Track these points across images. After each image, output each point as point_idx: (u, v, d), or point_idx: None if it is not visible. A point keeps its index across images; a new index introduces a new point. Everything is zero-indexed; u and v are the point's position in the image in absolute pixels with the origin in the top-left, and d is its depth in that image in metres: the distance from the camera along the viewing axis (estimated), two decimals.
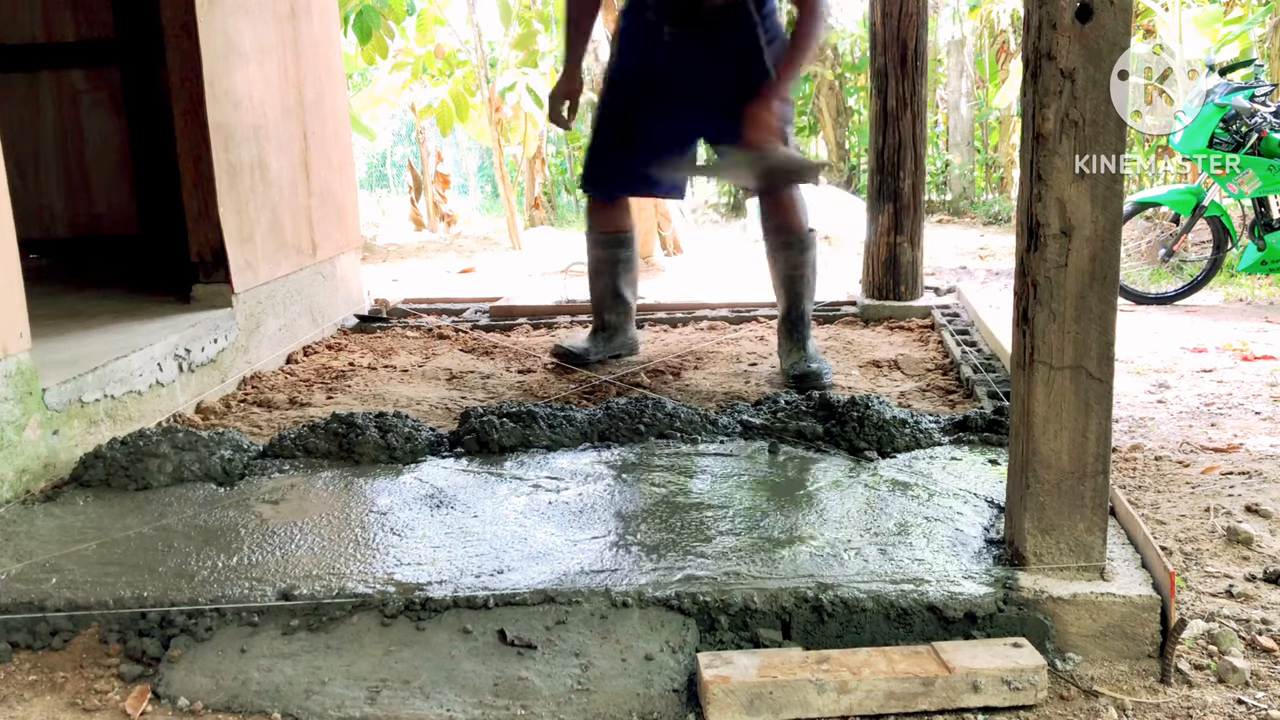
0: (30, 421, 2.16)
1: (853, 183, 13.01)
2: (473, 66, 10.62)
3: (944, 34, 12.18)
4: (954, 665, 1.41)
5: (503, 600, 1.56)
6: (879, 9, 4.17)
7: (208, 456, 2.17)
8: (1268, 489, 2.22)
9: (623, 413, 2.38)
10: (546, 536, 1.78)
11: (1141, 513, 2.11)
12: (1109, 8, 1.43)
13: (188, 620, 1.55)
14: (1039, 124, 1.47)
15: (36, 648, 1.57)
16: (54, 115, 4.81)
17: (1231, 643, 1.56)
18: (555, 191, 15.06)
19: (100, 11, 4.71)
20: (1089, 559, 1.56)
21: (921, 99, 4.19)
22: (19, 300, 2.18)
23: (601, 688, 1.43)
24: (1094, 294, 1.50)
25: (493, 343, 3.87)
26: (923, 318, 4.12)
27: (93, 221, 4.90)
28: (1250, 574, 1.81)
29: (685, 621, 1.53)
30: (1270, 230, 5.00)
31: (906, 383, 3.12)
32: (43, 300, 2.81)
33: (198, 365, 2.95)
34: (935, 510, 1.86)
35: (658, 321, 4.25)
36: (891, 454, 2.19)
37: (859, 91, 13.74)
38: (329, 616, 1.55)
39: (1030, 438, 1.54)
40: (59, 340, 2.72)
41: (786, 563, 1.64)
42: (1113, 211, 1.48)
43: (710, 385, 3.09)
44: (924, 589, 1.54)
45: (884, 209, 4.27)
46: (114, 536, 1.82)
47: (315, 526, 1.85)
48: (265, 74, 3.53)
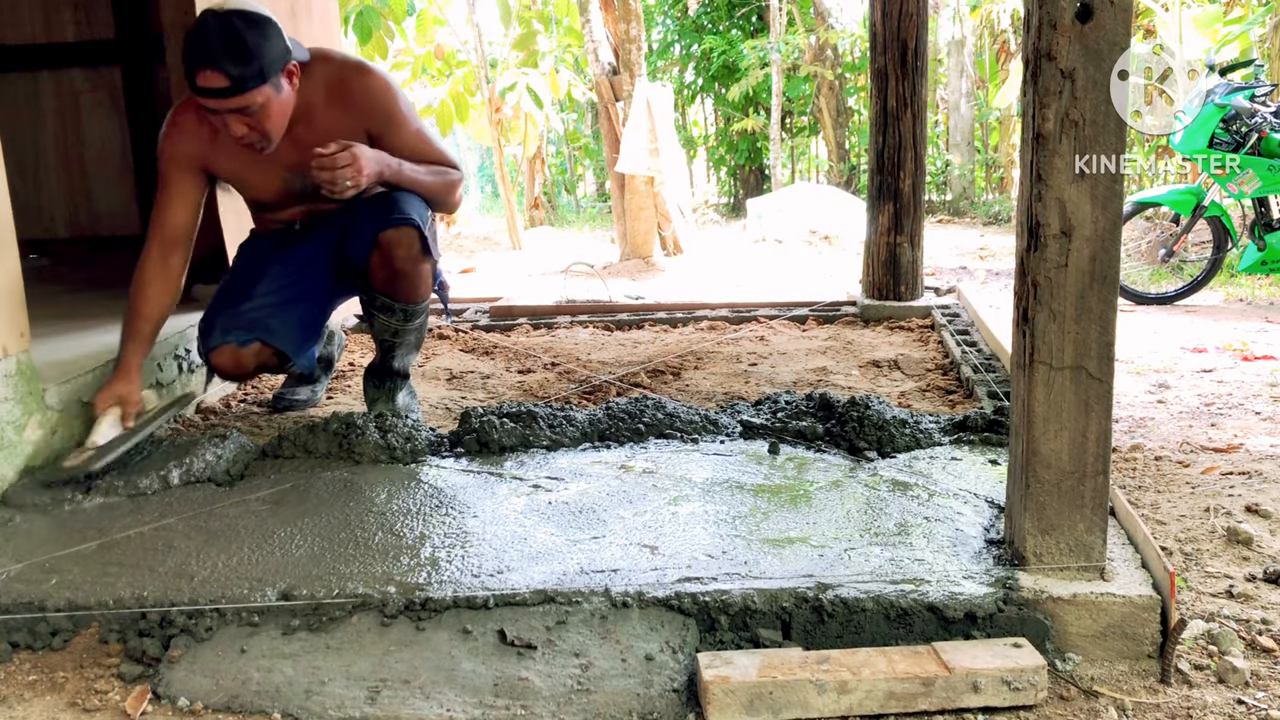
0: (30, 421, 2.16)
1: (853, 183, 13.02)
2: (473, 66, 10.63)
3: (944, 34, 12.18)
4: (954, 665, 1.41)
5: (503, 600, 1.56)
6: (879, 9, 4.17)
7: (208, 456, 2.17)
8: (1268, 489, 2.22)
9: (623, 413, 2.38)
10: (546, 536, 1.78)
11: (1141, 513, 2.11)
12: (1109, 8, 1.43)
13: (188, 620, 1.55)
14: (1039, 124, 1.47)
15: (36, 648, 1.57)
16: (54, 115, 4.81)
17: (1231, 643, 1.56)
18: (555, 191, 15.04)
19: (100, 11, 4.71)
20: (1089, 559, 1.56)
21: (921, 99, 4.19)
22: (19, 300, 2.18)
23: (601, 688, 1.43)
24: (1094, 294, 1.50)
25: (493, 343, 3.87)
26: (923, 318, 4.12)
27: (93, 221, 4.91)
28: (1250, 574, 1.81)
29: (685, 621, 1.53)
30: (1270, 230, 5.00)
31: (906, 383, 3.12)
32: (43, 300, 2.82)
33: (198, 365, 2.95)
34: (935, 510, 1.86)
35: (658, 321, 4.25)
36: (891, 454, 2.19)
37: (859, 91, 13.75)
38: (329, 616, 1.55)
39: (1030, 438, 1.54)
40: (59, 340, 2.73)
41: (786, 563, 1.64)
42: (1113, 211, 1.48)
43: (710, 385, 3.09)
44: (924, 589, 1.54)
45: (884, 209, 4.27)
46: (114, 537, 1.82)
47: (315, 526, 1.85)
48: None
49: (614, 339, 3.96)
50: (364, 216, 2.44)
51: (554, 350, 3.71)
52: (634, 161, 7.82)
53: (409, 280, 2.49)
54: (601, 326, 4.23)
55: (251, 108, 2.22)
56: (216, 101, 2.20)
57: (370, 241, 2.41)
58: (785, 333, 4.00)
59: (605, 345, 3.82)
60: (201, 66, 2.15)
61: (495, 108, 10.42)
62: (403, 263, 2.44)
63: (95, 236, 4.88)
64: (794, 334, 3.99)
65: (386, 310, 2.55)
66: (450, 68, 11.57)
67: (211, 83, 2.16)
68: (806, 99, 14.19)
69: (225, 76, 2.15)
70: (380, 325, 2.59)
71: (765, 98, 13.92)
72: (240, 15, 2.18)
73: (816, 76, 13.46)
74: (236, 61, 2.15)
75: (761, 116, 14.31)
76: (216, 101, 2.20)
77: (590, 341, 3.92)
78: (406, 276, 2.48)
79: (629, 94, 7.95)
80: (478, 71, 10.42)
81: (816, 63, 13.37)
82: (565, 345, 3.83)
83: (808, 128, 15.22)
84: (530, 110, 10.83)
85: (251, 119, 2.24)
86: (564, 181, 17.24)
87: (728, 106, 14.88)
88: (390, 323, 2.57)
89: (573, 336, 4.04)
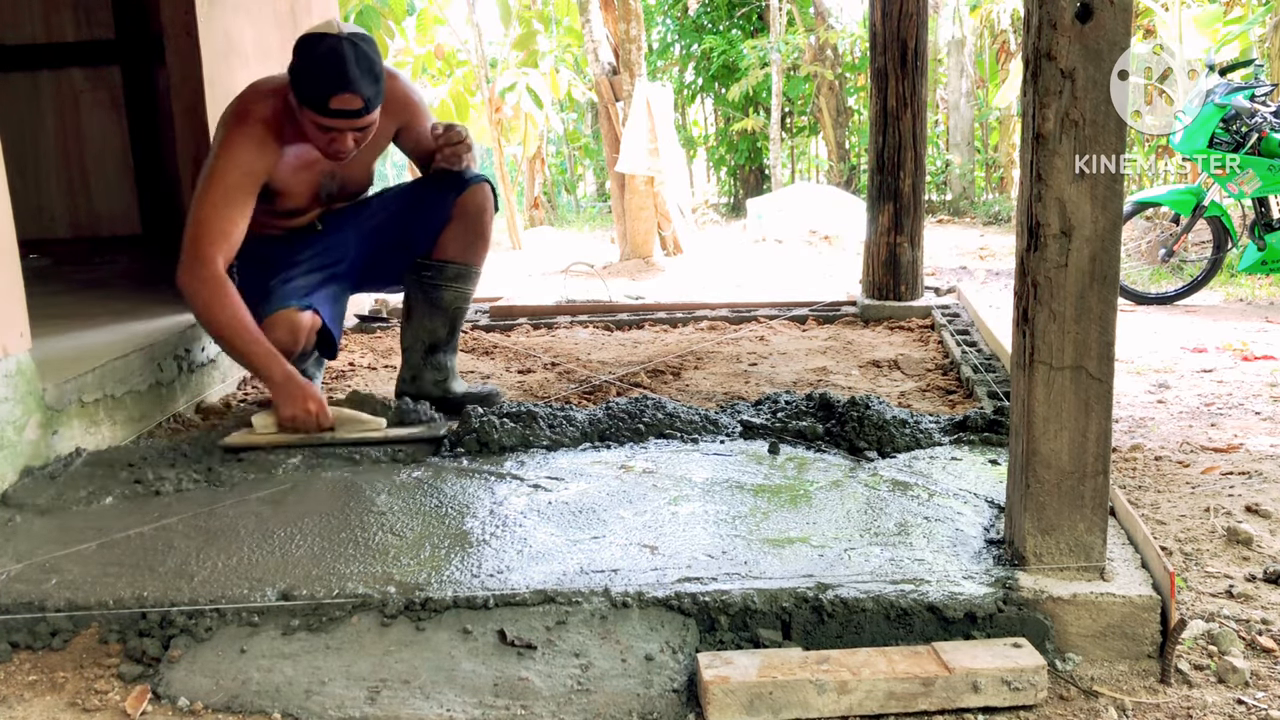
0: (30, 421, 2.16)
1: (853, 183, 13.02)
2: (472, 66, 10.63)
3: (944, 34, 12.18)
4: (954, 665, 1.41)
5: (503, 600, 1.56)
6: (879, 9, 4.17)
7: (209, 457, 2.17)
8: (1268, 489, 2.22)
9: (623, 413, 2.38)
10: (546, 536, 1.78)
11: (1141, 513, 2.11)
12: (1109, 8, 1.43)
13: (188, 620, 1.55)
14: (1039, 124, 1.47)
15: (36, 648, 1.57)
16: (54, 115, 4.81)
17: (1231, 643, 1.56)
18: (555, 191, 15.05)
19: (100, 11, 4.71)
20: (1089, 559, 1.56)
21: (921, 99, 4.19)
22: (19, 300, 2.18)
23: (601, 688, 1.43)
24: (1094, 294, 1.49)
25: (493, 343, 3.88)
26: (923, 318, 4.12)
27: (93, 221, 4.91)
28: (1250, 574, 1.81)
29: (685, 621, 1.53)
30: (1270, 230, 5.00)
31: (906, 383, 3.12)
32: (43, 300, 2.81)
33: (198, 365, 2.95)
34: (935, 510, 1.86)
35: (658, 321, 4.25)
36: (891, 454, 2.19)
37: (859, 91, 13.75)
38: (329, 616, 1.55)
39: (1030, 438, 1.54)
40: (59, 340, 2.72)
41: (786, 563, 1.64)
42: (1113, 211, 1.48)
43: (710, 385, 3.09)
44: (924, 589, 1.54)
45: (884, 209, 4.27)
46: (114, 536, 1.82)
47: (315, 526, 1.85)
48: (265, 74, 3.52)
49: (614, 339, 3.96)
50: (426, 193, 2.61)
51: (554, 350, 3.71)
52: (634, 161, 7.82)
53: (484, 239, 2.67)
54: (601, 326, 4.23)
55: (372, 125, 2.35)
56: (347, 121, 2.29)
57: (446, 211, 2.59)
58: (785, 333, 4.00)
59: (605, 345, 3.82)
60: (342, 90, 2.24)
61: (495, 107, 10.42)
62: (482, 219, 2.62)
63: (95, 236, 4.88)
64: (794, 334, 3.99)
65: (460, 278, 2.68)
66: (450, 68, 11.57)
67: (350, 105, 2.26)
68: (806, 99, 14.20)
69: (362, 99, 2.26)
70: (452, 295, 2.69)
71: (765, 98, 13.92)
72: (362, 39, 2.30)
73: (816, 76, 13.47)
74: (372, 84, 2.27)
75: (761, 116, 14.31)
76: (347, 121, 2.29)
77: (590, 341, 3.92)
78: (483, 237, 2.66)
79: (629, 94, 7.95)
80: (478, 71, 10.42)
81: (816, 63, 13.38)
82: (565, 345, 3.83)
83: (808, 128, 15.23)
84: (530, 110, 10.84)
85: (361, 134, 2.35)
86: (564, 181, 17.24)
87: (728, 106, 14.88)
88: (465, 289, 2.69)
89: (573, 336, 4.04)
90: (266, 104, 2.38)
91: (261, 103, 2.38)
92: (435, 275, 2.66)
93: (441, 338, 2.72)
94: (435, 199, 2.60)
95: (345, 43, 2.24)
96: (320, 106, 2.26)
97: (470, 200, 2.60)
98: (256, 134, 2.36)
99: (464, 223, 2.61)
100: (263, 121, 2.36)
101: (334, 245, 2.63)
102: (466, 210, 2.60)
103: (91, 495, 2.04)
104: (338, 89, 2.24)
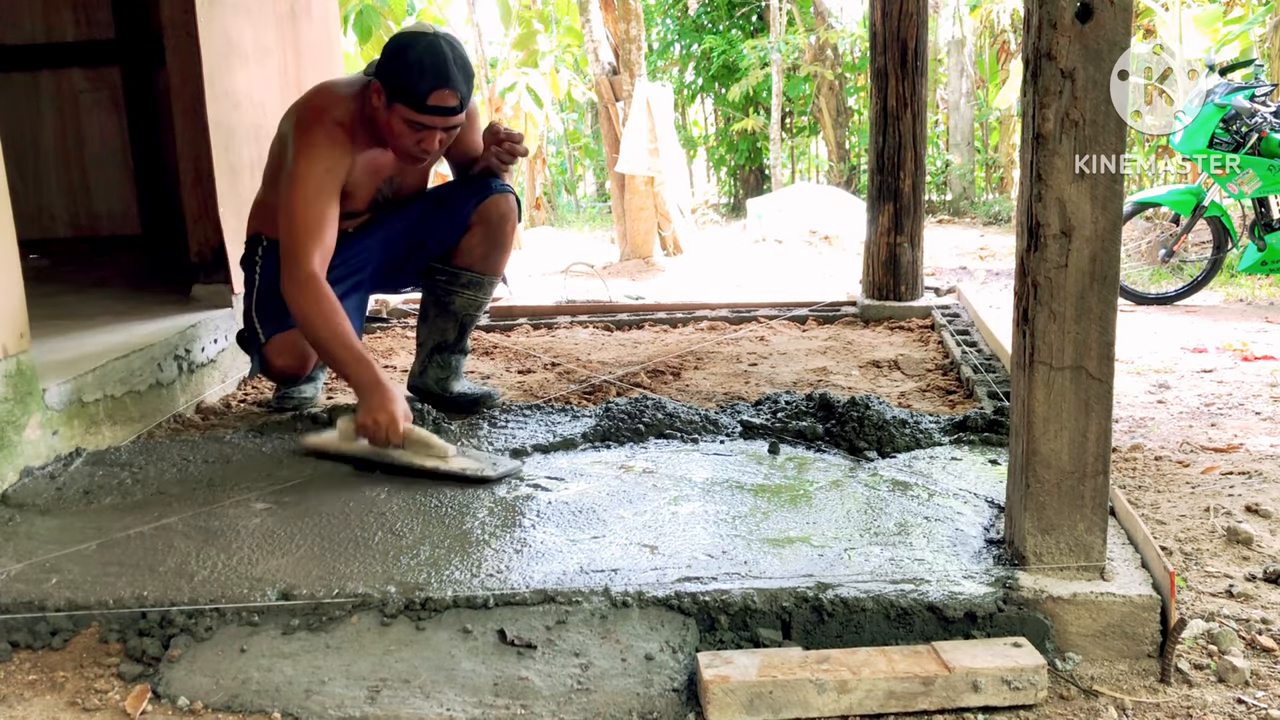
0: (30, 421, 2.16)
1: (853, 183, 13.02)
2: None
3: (944, 34, 12.18)
4: (954, 665, 1.41)
5: (503, 600, 1.56)
6: (879, 9, 4.17)
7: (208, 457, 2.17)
8: (1268, 489, 2.22)
9: (623, 413, 2.38)
10: (546, 536, 1.78)
11: (1141, 513, 2.11)
12: (1109, 8, 1.43)
13: (188, 620, 1.55)
14: (1039, 124, 1.47)
15: (36, 647, 1.57)
16: (54, 115, 4.81)
17: (1231, 642, 1.56)
18: (555, 191, 15.05)
19: (100, 11, 4.71)
20: (1089, 559, 1.56)
21: (921, 99, 4.19)
22: (19, 300, 2.18)
23: (601, 687, 1.43)
24: (1094, 294, 1.50)
25: (493, 343, 3.88)
26: (923, 318, 4.12)
27: (93, 221, 4.90)
28: (1250, 574, 1.81)
29: (685, 621, 1.53)
30: (1270, 230, 5.00)
31: (906, 383, 3.12)
32: (43, 300, 2.81)
33: (198, 365, 2.95)
34: (935, 510, 1.86)
35: (658, 321, 4.25)
36: (891, 454, 2.19)
37: (859, 91, 13.75)
38: (329, 616, 1.55)
39: (1030, 438, 1.54)
40: (59, 340, 2.72)
41: (786, 562, 1.64)
42: (1113, 211, 1.48)
43: (710, 385, 3.09)
44: (924, 589, 1.54)
45: (884, 209, 4.27)
46: (114, 536, 1.82)
47: (315, 526, 1.85)
48: (265, 74, 3.53)
49: (614, 339, 3.96)
50: (449, 198, 2.61)
51: (554, 350, 3.71)
52: (634, 161, 7.82)
53: (503, 249, 2.66)
54: (601, 326, 4.23)
55: (459, 126, 2.36)
56: (441, 119, 2.29)
57: (466, 218, 2.58)
58: (785, 333, 4.00)
59: (605, 345, 3.82)
60: (441, 86, 2.24)
61: (495, 107, 10.42)
62: (504, 228, 2.62)
63: (95, 236, 4.88)
64: (794, 334, 3.99)
65: (474, 286, 2.66)
66: None
67: (448, 102, 2.26)
68: (806, 99, 14.20)
69: (458, 96, 2.27)
70: (463, 303, 2.67)
71: (765, 98, 13.93)
72: (454, 38, 2.32)
73: (816, 76, 13.47)
74: (467, 84, 2.29)
75: (761, 116, 14.31)
76: (441, 119, 2.29)
77: (590, 341, 3.92)
78: (501, 246, 2.64)
79: (629, 94, 7.95)
80: (477, 71, 10.41)
81: (816, 63, 13.38)
82: (565, 345, 3.83)
83: (808, 128, 15.23)
84: (530, 110, 10.84)
85: (448, 134, 2.36)
86: (564, 181, 17.24)
87: (728, 106, 14.89)
88: (478, 297, 2.68)
89: (573, 336, 4.04)
90: (341, 106, 2.35)
91: (336, 105, 2.36)
92: (449, 281, 2.65)
93: (450, 339, 2.72)
94: (457, 204, 2.60)
95: (444, 41, 2.25)
96: (417, 103, 2.25)
97: (493, 208, 2.58)
98: (336, 135, 2.34)
99: (484, 230, 2.60)
100: (339, 124, 2.34)
101: (360, 251, 2.62)
102: (488, 218, 2.59)
103: (91, 495, 2.04)
104: (437, 85, 2.23)
